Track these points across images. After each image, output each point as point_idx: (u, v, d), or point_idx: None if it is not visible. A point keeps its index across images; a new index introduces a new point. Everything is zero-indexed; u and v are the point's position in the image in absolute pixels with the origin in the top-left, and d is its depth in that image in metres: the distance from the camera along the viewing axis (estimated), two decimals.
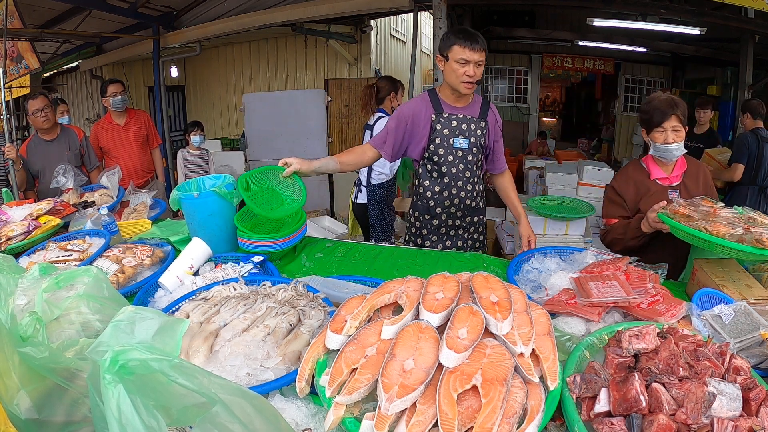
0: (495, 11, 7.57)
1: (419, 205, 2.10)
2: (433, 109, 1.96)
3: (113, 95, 3.47)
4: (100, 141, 3.56)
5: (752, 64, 5.49)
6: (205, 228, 1.76)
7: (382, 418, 0.73)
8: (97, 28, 6.05)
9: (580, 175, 5.04)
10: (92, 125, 3.57)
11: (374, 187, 3.48)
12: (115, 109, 3.54)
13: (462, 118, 1.96)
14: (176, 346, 0.85)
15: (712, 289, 1.33)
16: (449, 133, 1.96)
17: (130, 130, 3.64)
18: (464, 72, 1.82)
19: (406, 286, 1.02)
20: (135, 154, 3.66)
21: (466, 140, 1.97)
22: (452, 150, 1.97)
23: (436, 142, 1.97)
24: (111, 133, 3.58)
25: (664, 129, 1.72)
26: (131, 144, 3.63)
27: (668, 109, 1.70)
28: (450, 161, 1.98)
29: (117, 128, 3.59)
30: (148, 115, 3.93)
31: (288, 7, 5.48)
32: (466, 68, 1.82)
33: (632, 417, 0.75)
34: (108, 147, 3.58)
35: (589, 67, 8.70)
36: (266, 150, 5.85)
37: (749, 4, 3.53)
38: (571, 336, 1.07)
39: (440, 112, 1.96)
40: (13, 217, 2.07)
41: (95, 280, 1.14)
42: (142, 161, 3.72)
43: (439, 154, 1.98)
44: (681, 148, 1.74)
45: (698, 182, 1.83)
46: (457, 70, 1.83)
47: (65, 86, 9.42)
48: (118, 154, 3.59)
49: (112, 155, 3.59)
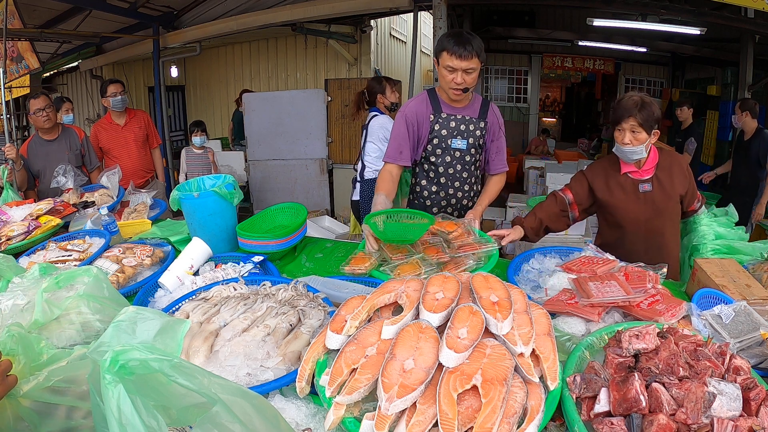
0: (495, 11, 7.57)
1: (416, 204, 2.09)
2: (432, 109, 1.95)
3: (113, 95, 3.47)
4: (100, 141, 3.56)
5: (752, 64, 5.49)
6: (205, 228, 1.76)
7: (382, 418, 0.74)
8: (97, 28, 6.05)
9: None
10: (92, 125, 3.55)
11: (367, 182, 3.41)
12: (114, 109, 3.54)
13: (461, 119, 1.95)
14: (177, 346, 0.85)
15: (712, 289, 1.33)
16: (447, 134, 1.95)
17: (130, 130, 3.63)
18: (452, 79, 1.80)
19: (406, 286, 1.02)
20: (135, 154, 3.66)
21: (464, 141, 1.96)
22: (450, 151, 1.96)
23: (434, 143, 1.96)
24: (111, 133, 3.58)
25: (623, 129, 1.71)
26: (131, 144, 3.63)
27: (631, 109, 1.68)
28: (447, 162, 1.97)
29: (117, 128, 3.59)
30: (148, 115, 3.93)
31: (288, 7, 5.48)
32: (453, 75, 1.79)
33: (632, 417, 0.75)
34: (108, 147, 3.58)
35: (589, 67, 8.71)
36: (266, 150, 5.84)
37: (749, 4, 3.52)
38: (571, 336, 1.07)
39: (438, 112, 1.94)
40: (13, 217, 2.07)
41: (95, 280, 1.14)
42: (142, 161, 3.72)
43: (436, 155, 1.97)
44: (638, 152, 1.71)
45: (671, 175, 1.80)
46: (446, 76, 1.81)
47: (65, 86, 9.43)
48: (118, 154, 3.59)
49: (112, 155, 3.59)
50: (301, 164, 5.84)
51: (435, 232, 1.64)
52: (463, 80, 1.79)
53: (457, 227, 1.65)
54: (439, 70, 1.86)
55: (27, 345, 0.84)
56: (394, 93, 3.46)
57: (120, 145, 3.59)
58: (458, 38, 1.76)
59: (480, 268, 1.43)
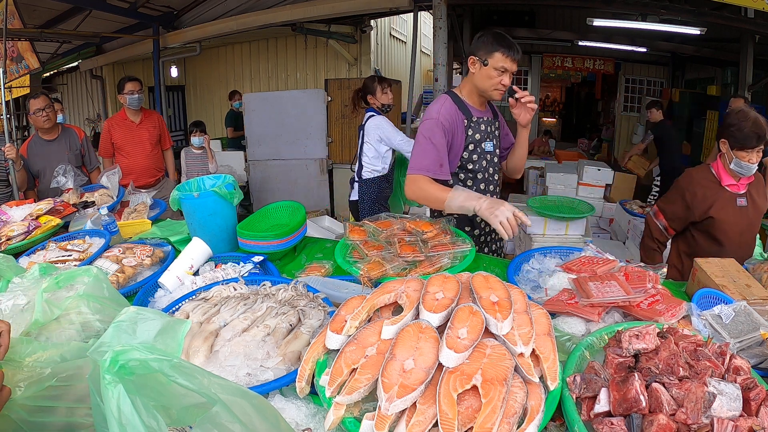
0: (495, 11, 7.58)
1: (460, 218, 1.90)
2: (463, 114, 1.85)
3: (130, 93, 3.46)
4: (113, 137, 3.53)
5: (752, 64, 5.50)
6: (205, 228, 1.76)
7: (382, 418, 0.74)
8: (97, 28, 6.05)
9: (580, 175, 5.04)
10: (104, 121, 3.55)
11: (366, 182, 3.37)
12: (131, 107, 3.53)
13: (486, 121, 1.91)
14: (178, 347, 0.85)
15: (712, 289, 1.33)
16: (480, 138, 1.88)
17: (144, 128, 3.63)
18: (500, 81, 1.76)
19: (406, 286, 1.02)
20: (149, 152, 3.66)
21: (491, 143, 1.92)
22: (484, 154, 1.91)
23: (470, 149, 1.87)
24: (125, 130, 3.56)
25: (751, 151, 1.84)
26: (145, 142, 3.63)
27: (763, 137, 1.82)
28: (484, 166, 1.92)
29: (132, 125, 3.58)
30: (161, 116, 3.94)
31: (288, 7, 5.48)
32: (503, 77, 1.76)
33: (632, 417, 0.75)
34: (121, 143, 3.55)
35: (589, 67, 8.71)
36: (266, 150, 5.85)
37: (749, 4, 3.52)
38: (571, 336, 1.07)
39: (470, 116, 1.86)
40: (13, 217, 2.07)
41: (95, 280, 1.14)
42: (154, 159, 3.72)
43: (473, 161, 1.89)
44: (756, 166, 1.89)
45: (758, 190, 1.96)
46: (494, 77, 1.76)
47: (65, 86, 9.43)
48: (131, 151, 3.58)
49: (125, 152, 3.57)
50: (301, 164, 5.84)
51: (411, 230, 1.65)
52: (508, 82, 1.78)
53: (432, 227, 1.66)
54: (483, 71, 1.77)
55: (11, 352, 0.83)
56: (386, 94, 3.31)
57: (134, 142, 3.59)
58: (508, 40, 1.73)
59: (455, 267, 1.44)
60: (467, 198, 1.64)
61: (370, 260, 1.47)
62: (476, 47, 1.78)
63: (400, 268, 1.44)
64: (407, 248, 1.53)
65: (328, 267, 1.62)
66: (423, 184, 1.75)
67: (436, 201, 1.73)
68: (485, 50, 1.75)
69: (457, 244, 1.56)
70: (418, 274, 1.37)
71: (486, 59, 1.75)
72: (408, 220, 1.72)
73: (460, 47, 7.18)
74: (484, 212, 1.54)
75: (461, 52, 7.43)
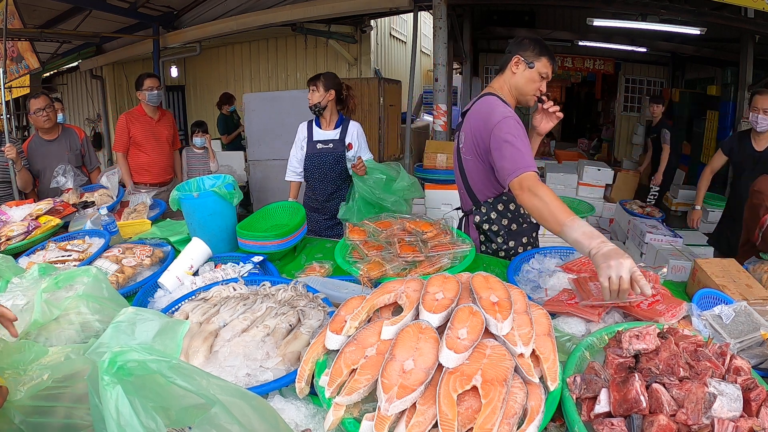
0: (495, 11, 7.58)
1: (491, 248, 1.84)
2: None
3: (149, 89, 3.44)
4: (131, 131, 3.50)
5: (752, 64, 5.49)
6: (205, 228, 1.76)
7: (382, 419, 0.73)
8: (97, 28, 6.06)
9: (580, 175, 5.05)
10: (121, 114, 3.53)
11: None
12: (149, 103, 3.50)
13: None
14: (177, 347, 0.85)
15: (713, 289, 1.33)
16: None
17: (163, 126, 3.63)
18: (539, 86, 1.76)
19: (406, 287, 1.02)
20: (166, 150, 3.66)
21: None
22: None
23: None
24: (145, 126, 3.54)
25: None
26: (163, 140, 3.63)
27: None
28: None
29: (151, 122, 3.56)
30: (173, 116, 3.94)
31: (288, 7, 5.48)
32: (542, 83, 1.76)
33: (632, 418, 0.75)
34: (141, 139, 3.53)
35: (589, 67, 8.70)
36: (266, 150, 5.84)
37: (749, 4, 3.52)
38: (571, 336, 1.07)
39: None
40: (13, 217, 2.07)
41: (95, 280, 1.14)
42: (169, 158, 3.73)
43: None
44: None
45: None
46: (536, 82, 1.74)
47: (65, 86, 9.43)
48: (150, 147, 3.56)
49: (143, 148, 3.55)
50: None
51: (411, 230, 1.66)
52: (545, 90, 1.78)
53: (432, 227, 1.67)
54: (528, 73, 1.73)
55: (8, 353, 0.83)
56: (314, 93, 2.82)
57: (153, 138, 3.58)
58: (550, 50, 1.73)
59: (455, 267, 1.44)
60: (585, 235, 1.30)
61: (370, 260, 1.47)
62: (522, 48, 1.73)
63: (400, 268, 1.44)
64: (407, 248, 1.53)
65: (327, 267, 1.62)
66: (547, 196, 1.40)
67: (553, 221, 1.37)
68: (533, 53, 1.72)
69: (457, 245, 1.56)
70: (418, 275, 1.37)
71: (533, 62, 1.72)
72: (408, 220, 1.72)
73: (460, 47, 7.18)
74: (598, 258, 1.21)
75: (461, 52, 7.43)
